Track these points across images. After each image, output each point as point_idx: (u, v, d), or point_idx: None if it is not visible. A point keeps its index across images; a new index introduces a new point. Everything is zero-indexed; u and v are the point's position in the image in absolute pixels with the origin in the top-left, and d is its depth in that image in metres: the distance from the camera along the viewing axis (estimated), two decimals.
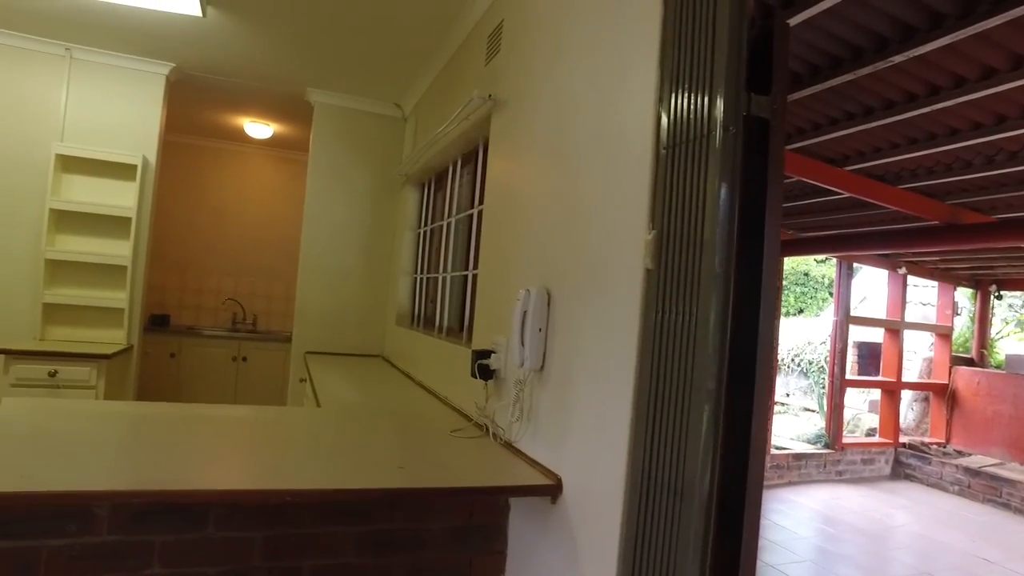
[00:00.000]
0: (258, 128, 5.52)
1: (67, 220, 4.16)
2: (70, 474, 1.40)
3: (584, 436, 1.56)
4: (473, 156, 3.17)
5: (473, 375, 2.15)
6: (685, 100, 1.31)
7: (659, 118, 1.38)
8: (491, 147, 2.55)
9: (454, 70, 3.40)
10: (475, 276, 2.87)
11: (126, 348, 4.15)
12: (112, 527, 1.54)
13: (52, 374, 3.69)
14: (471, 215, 3.06)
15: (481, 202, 2.91)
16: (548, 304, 1.82)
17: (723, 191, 1.21)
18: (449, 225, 3.46)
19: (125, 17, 3.58)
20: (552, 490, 1.64)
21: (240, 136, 5.96)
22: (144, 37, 3.86)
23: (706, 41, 1.26)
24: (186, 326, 5.95)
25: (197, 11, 3.24)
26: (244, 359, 5.69)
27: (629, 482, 1.36)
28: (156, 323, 5.66)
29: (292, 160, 6.51)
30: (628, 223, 1.46)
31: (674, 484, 1.24)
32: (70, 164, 4.14)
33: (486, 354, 2.14)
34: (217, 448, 1.78)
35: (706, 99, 1.25)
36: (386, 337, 4.66)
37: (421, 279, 4.13)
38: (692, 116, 1.29)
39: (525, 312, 1.81)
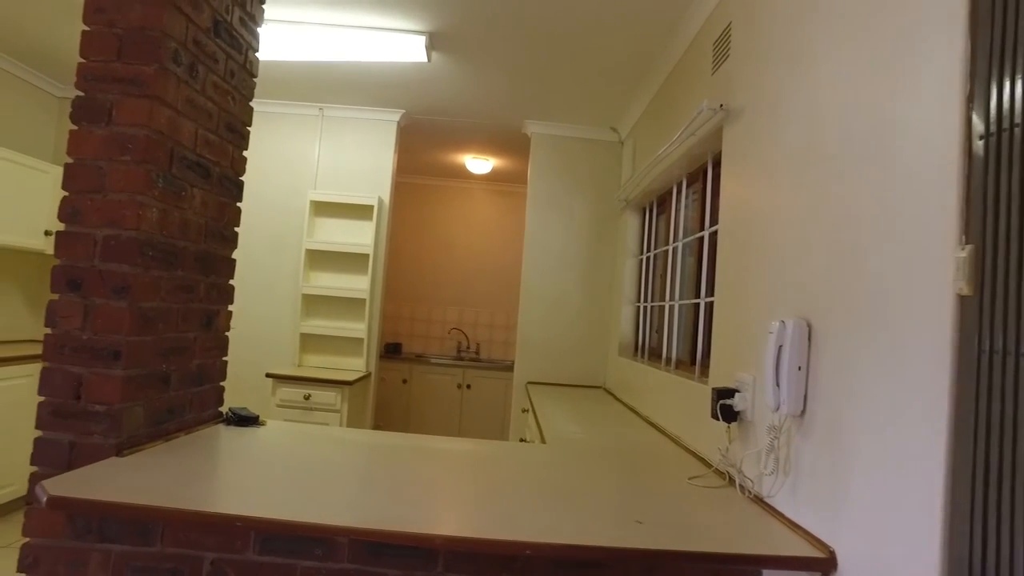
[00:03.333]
0: (479, 163, 5.78)
1: (317, 258, 4.67)
2: (317, 504, 1.45)
3: (868, 502, 1.25)
4: (700, 174, 2.93)
5: (714, 416, 1.90)
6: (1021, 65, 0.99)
7: (970, 96, 1.07)
8: (724, 162, 2.30)
9: (674, 85, 3.21)
10: (708, 304, 2.62)
11: (365, 375, 4.50)
12: (351, 556, 1.59)
13: (306, 397, 4.10)
14: (700, 238, 2.82)
15: (712, 223, 2.67)
16: (808, 338, 1.53)
17: None
18: (675, 250, 3.24)
19: (364, 73, 3.94)
20: (823, 566, 1.35)
21: (462, 172, 6.31)
22: (379, 89, 4.23)
23: None
24: (416, 354, 6.37)
25: (423, 57, 3.43)
26: (468, 387, 5.92)
27: (948, 572, 1.04)
28: (390, 351, 6.12)
29: (510, 193, 6.74)
30: (923, 238, 1.16)
31: None
32: (320, 208, 4.66)
33: (729, 393, 1.89)
34: (449, 485, 1.75)
35: None
36: (608, 368, 4.52)
37: (645, 307, 3.93)
38: None
39: (780, 347, 1.55)
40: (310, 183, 4.69)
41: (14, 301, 4.49)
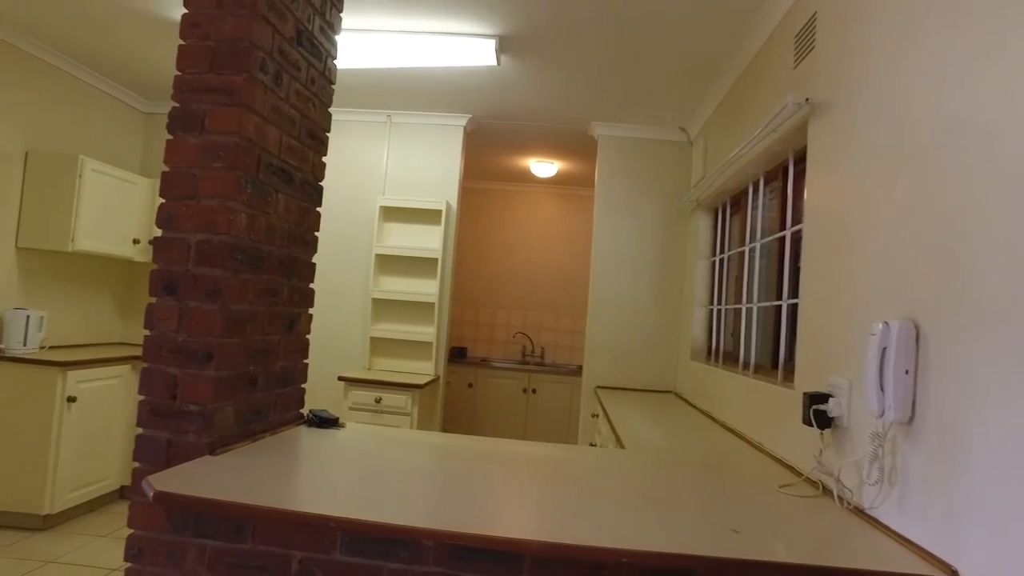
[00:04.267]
0: (543, 167, 5.76)
1: (387, 263, 4.74)
2: (402, 506, 1.45)
3: (998, 518, 1.16)
4: (779, 172, 2.83)
5: (806, 422, 1.82)
6: None
7: None
8: (810, 158, 2.21)
9: (749, 82, 3.11)
10: (792, 307, 2.52)
11: (434, 379, 4.53)
12: (437, 559, 1.58)
13: (377, 400, 4.16)
14: (781, 238, 2.71)
15: (793, 223, 2.57)
16: (916, 340, 1.44)
17: None
18: (752, 251, 3.13)
19: (431, 79, 3.98)
20: None
21: (526, 176, 6.30)
22: (447, 94, 4.26)
23: None
24: (480, 358, 6.39)
25: (493, 61, 3.44)
26: (533, 391, 5.89)
27: None
28: (456, 355, 6.16)
29: (574, 196, 6.70)
30: None
31: None
32: (389, 213, 4.74)
33: (822, 398, 1.80)
34: (531, 488, 1.73)
35: None
36: (679, 372, 4.42)
37: (718, 310, 3.82)
38: None
39: (884, 350, 1.46)
40: (379, 189, 4.77)
41: (107, 306, 4.73)
